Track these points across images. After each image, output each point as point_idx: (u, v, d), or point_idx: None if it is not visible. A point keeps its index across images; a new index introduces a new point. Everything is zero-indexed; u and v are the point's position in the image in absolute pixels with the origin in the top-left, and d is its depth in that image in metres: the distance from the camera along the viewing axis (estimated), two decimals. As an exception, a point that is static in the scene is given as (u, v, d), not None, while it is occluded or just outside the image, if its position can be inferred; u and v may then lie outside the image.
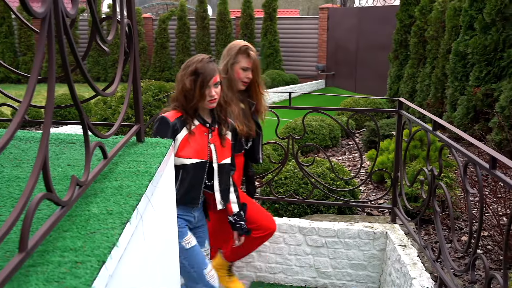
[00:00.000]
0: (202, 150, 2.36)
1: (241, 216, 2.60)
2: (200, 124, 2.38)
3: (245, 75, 2.79)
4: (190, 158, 2.32)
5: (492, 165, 1.90)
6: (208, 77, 2.27)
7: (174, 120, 2.32)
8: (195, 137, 2.35)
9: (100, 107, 4.30)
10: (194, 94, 2.28)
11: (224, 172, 2.46)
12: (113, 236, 1.22)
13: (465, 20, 6.07)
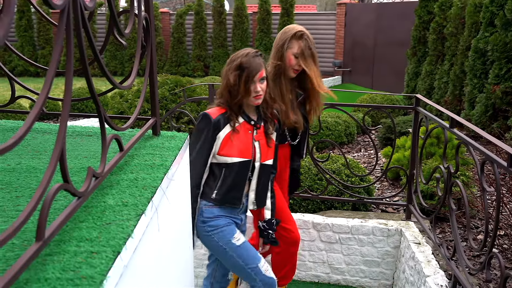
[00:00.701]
0: (246, 149, 2.25)
1: (272, 224, 2.47)
2: (244, 121, 2.27)
3: (297, 62, 2.58)
4: (233, 157, 2.22)
5: (510, 163, 1.87)
6: (253, 72, 2.16)
7: (217, 117, 2.22)
8: (239, 135, 2.24)
9: (117, 100, 4.34)
10: (238, 89, 2.18)
11: (264, 173, 2.34)
12: (128, 227, 1.24)
13: (486, 16, 5.98)
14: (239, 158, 2.21)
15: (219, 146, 2.20)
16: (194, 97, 3.84)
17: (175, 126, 3.65)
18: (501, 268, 1.94)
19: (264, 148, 2.31)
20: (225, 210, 2.29)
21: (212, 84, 3.39)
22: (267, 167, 2.34)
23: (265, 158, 2.31)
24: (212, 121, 2.19)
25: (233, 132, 2.21)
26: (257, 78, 2.17)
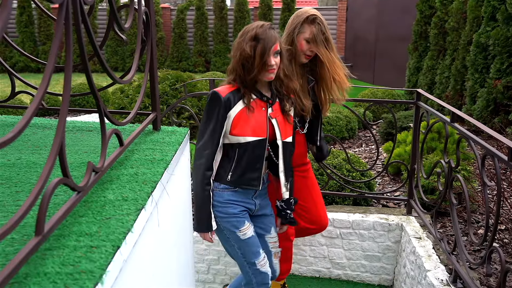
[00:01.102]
0: (260, 126, 2.09)
1: (290, 204, 2.36)
2: (257, 98, 2.11)
3: (309, 47, 2.43)
4: (247, 136, 2.07)
5: (511, 157, 1.86)
6: (269, 43, 2.00)
7: (227, 95, 2.06)
8: (252, 111, 2.08)
9: (118, 96, 4.34)
10: (254, 62, 2.00)
11: (287, 151, 2.23)
12: (128, 222, 1.24)
13: (487, 11, 5.95)
14: (253, 137, 2.07)
15: (230, 126, 2.06)
16: (195, 92, 3.84)
17: (176, 121, 3.64)
18: (501, 262, 1.94)
19: (283, 126, 2.18)
20: (237, 194, 2.16)
21: (213, 79, 3.38)
22: (288, 144, 2.22)
23: (285, 135, 2.19)
24: (222, 99, 2.04)
25: (248, 110, 2.07)
26: (272, 51, 2.02)
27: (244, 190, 2.18)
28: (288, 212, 2.37)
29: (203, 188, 2.08)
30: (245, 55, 2.01)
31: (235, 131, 2.07)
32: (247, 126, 2.06)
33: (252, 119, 2.08)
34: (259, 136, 2.08)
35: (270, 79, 2.07)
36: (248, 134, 2.07)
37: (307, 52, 2.45)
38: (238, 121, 2.06)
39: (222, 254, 3.54)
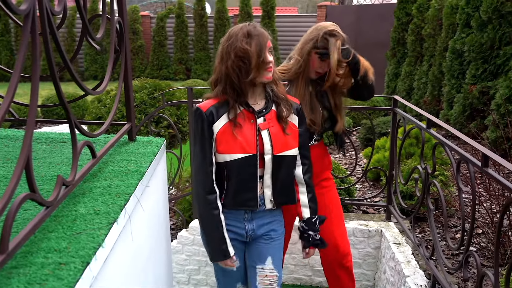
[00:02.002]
0: (248, 142, 1.84)
1: (312, 224, 2.04)
2: (244, 109, 1.86)
3: (321, 66, 2.27)
4: (233, 153, 1.83)
5: (484, 163, 1.89)
6: (264, 38, 1.80)
7: (209, 109, 1.84)
8: (238, 125, 1.84)
9: (95, 106, 4.29)
10: (251, 61, 1.76)
11: (283, 166, 1.92)
12: (99, 236, 1.21)
13: (462, 17, 6.06)
14: (240, 154, 1.83)
15: (215, 143, 1.84)
16: (173, 101, 3.81)
17: (154, 130, 3.61)
18: (477, 266, 1.95)
19: (278, 137, 1.89)
20: (227, 215, 1.91)
21: (191, 88, 3.37)
22: (286, 159, 1.91)
23: (281, 148, 1.89)
24: (204, 114, 1.83)
25: (230, 124, 1.84)
26: (267, 47, 1.81)
27: (235, 211, 1.93)
28: (311, 233, 2.04)
29: (210, 214, 1.86)
30: (241, 54, 1.76)
31: (220, 148, 1.84)
32: (234, 142, 1.83)
33: (239, 133, 1.84)
34: (247, 152, 1.83)
35: (269, 79, 1.83)
36: (235, 151, 1.83)
37: (318, 70, 2.29)
38: (222, 137, 1.83)
39: (203, 264, 3.51)
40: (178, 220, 4.13)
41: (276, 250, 2.02)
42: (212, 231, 1.88)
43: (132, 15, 15.15)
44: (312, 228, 2.04)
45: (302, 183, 2.03)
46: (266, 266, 1.99)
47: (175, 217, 4.29)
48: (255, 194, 1.89)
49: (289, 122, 1.92)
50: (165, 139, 4.40)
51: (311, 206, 2.04)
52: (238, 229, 1.95)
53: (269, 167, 1.89)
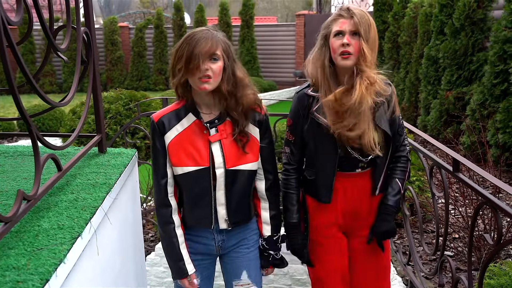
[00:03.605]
0: (201, 154, 1.70)
1: (274, 243, 1.87)
2: (197, 119, 1.72)
3: (340, 42, 1.68)
4: (184, 166, 1.70)
5: (455, 168, 1.90)
6: (204, 44, 1.60)
7: (160, 118, 1.72)
8: (192, 137, 1.71)
9: (70, 117, 4.22)
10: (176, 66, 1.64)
11: (238, 182, 1.76)
12: (60, 252, 1.18)
13: (436, 25, 6.17)
14: (191, 166, 1.70)
15: (168, 154, 1.72)
16: (149, 111, 3.77)
17: (130, 141, 3.57)
18: (452, 271, 1.96)
19: (232, 150, 1.73)
20: (193, 228, 1.81)
21: (166, 98, 3.34)
22: (242, 173, 1.75)
23: (236, 161, 1.73)
24: (155, 124, 1.73)
25: (182, 134, 1.72)
26: (203, 53, 1.60)
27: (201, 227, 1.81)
28: (271, 252, 1.88)
29: (164, 228, 1.75)
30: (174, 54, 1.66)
31: (173, 160, 1.72)
32: (185, 154, 1.71)
33: (191, 145, 1.71)
34: (200, 165, 1.70)
35: (203, 89, 1.63)
36: (187, 164, 1.70)
37: (340, 49, 1.68)
38: (173, 149, 1.71)
39: (181, 276, 3.46)
40: (157, 232, 4.07)
41: (251, 261, 1.89)
42: (167, 246, 1.76)
43: (110, 26, 15.07)
44: (273, 248, 1.88)
45: (264, 198, 1.86)
46: (242, 281, 1.88)
47: (153, 229, 4.23)
48: (209, 210, 1.74)
49: (249, 135, 1.76)
50: (142, 150, 4.37)
51: (272, 224, 1.87)
52: (206, 240, 1.81)
53: (221, 183, 1.73)
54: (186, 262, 1.75)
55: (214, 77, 1.62)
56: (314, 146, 1.83)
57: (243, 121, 1.73)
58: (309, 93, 1.82)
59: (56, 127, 8.17)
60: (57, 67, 15.44)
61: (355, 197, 1.85)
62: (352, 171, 1.83)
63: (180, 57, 1.62)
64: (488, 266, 2.29)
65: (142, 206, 4.10)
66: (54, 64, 15.35)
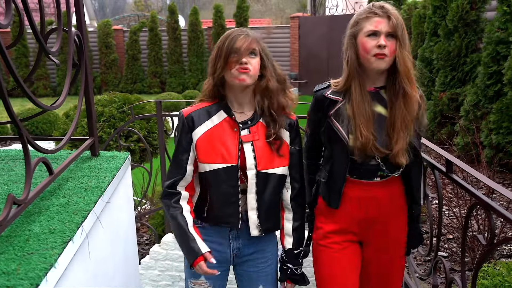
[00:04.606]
0: (229, 151, 1.68)
1: (294, 257, 1.80)
2: (228, 116, 1.71)
3: (376, 42, 1.59)
4: (213, 162, 1.67)
5: (448, 169, 1.90)
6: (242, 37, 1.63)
7: (190, 114, 1.70)
8: (221, 134, 1.69)
9: (63, 121, 4.21)
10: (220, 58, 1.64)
11: (270, 186, 1.71)
12: (51, 256, 1.17)
13: (430, 26, 6.19)
14: (219, 164, 1.67)
15: (196, 150, 1.69)
16: (143, 114, 3.76)
17: (124, 145, 3.55)
18: (445, 272, 1.96)
19: (264, 152, 1.70)
20: (210, 232, 1.75)
21: (160, 101, 3.33)
22: (273, 177, 1.71)
23: (267, 164, 1.70)
24: (184, 119, 1.70)
25: (212, 131, 1.70)
26: (243, 48, 1.61)
27: (219, 228, 1.75)
28: (290, 266, 1.79)
29: (170, 214, 1.70)
30: (215, 52, 1.67)
31: (201, 157, 1.69)
32: (213, 150, 1.68)
33: (220, 142, 1.68)
34: (228, 162, 1.67)
35: (241, 81, 1.61)
36: (215, 161, 1.67)
37: (375, 51, 1.59)
38: (201, 145, 1.68)
39: (177, 279, 3.44)
40: (151, 235, 4.06)
41: (268, 276, 1.82)
42: (176, 229, 1.70)
43: (104, 29, 15.03)
44: (293, 262, 1.79)
45: (288, 208, 1.80)
46: None
47: (148, 232, 4.22)
48: (237, 209, 1.70)
49: (282, 139, 1.73)
50: (136, 153, 4.35)
51: (295, 236, 1.79)
52: (221, 247, 1.75)
53: (253, 185, 1.69)
54: (198, 241, 1.67)
55: (253, 70, 1.62)
56: (328, 150, 1.78)
57: (281, 122, 1.71)
58: (327, 96, 1.74)
59: (50, 130, 8.14)
60: (51, 71, 15.39)
61: (375, 207, 1.76)
62: (370, 179, 1.74)
63: (220, 54, 1.63)
64: (481, 266, 2.29)
65: (137, 209, 4.09)
66: (48, 68, 15.30)
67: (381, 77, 1.68)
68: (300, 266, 1.81)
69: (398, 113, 1.64)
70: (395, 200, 1.79)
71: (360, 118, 1.64)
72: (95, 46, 15.33)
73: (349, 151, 1.68)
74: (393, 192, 1.78)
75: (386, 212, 1.78)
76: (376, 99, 1.68)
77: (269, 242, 1.81)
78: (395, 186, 1.78)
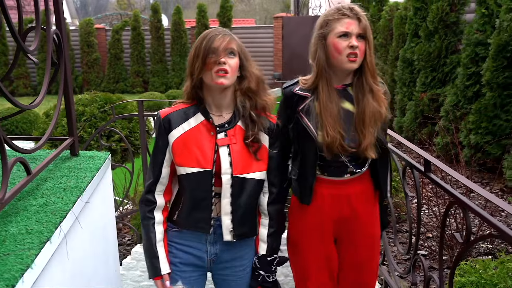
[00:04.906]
0: (205, 155, 1.64)
1: (267, 264, 1.75)
2: (205, 119, 1.67)
3: (348, 43, 1.63)
4: (188, 166, 1.64)
5: (426, 168, 1.93)
6: (219, 37, 1.61)
7: (167, 115, 1.68)
8: (198, 137, 1.66)
9: (43, 120, 4.15)
10: (197, 58, 1.60)
11: (245, 191, 1.68)
12: (28, 257, 1.16)
13: (411, 28, 6.27)
14: (193, 168, 1.64)
15: (172, 153, 1.67)
16: (124, 114, 3.74)
17: (105, 144, 3.52)
18: (424, 270, 1.99)
19: (240, 156, 1.67)
20: (187, 236, 1.71)
21: (142, 100, 3.31)
22: (249, 182, 1.68)
23: (243, 169, 1.66)
24: (161, 120, 1.68)
25: (188, 134, 1.66)
26: (221, 47, 1.59)
27: (196, 231, 1.71)
28: (262, 273, 1.74)
29: (143, 224, 1.69)
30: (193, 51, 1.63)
31: (177, 159, 1.66)
32: (189, 154, 1.65)
33: (196, 145, 1.65)
34: (203, 167, 1.64)
35: (220, 83, 1.59)
36: (189, 164, 1.64)
37: (347, 51, 1.64)
38: (177, 148, 1.65)
39: (158, 280, 3.43)
40: (133, 236, 4.03)
41: (247, 284, 1.79)
42: (145, 241, 1.69)
43: (86, 28, 14.89)
44: (265, 268, 1.74)
45: (265, 214, 1.76)
46: None
47: (130, 232, 4.19)
48: (209, 215, 1.66)
49: (261, 140, 1.70)
50: (117, 153, 4.32)
51: (269, 242, 1.75)
52: (198, 252, 1.71)
53: (227, 189, 1.65)
54: (161, 261, 1.66)
55: (231, 72, 1.60)
56: (297, 146, 1.79)
57: (260, 124, 1.68)
58: (296, 92, 1.76)
59: (30, 130, 8.03)
60: (32, 69, 15.18)
61: (348, 205, 1.80)
62: (340, 176, 1.77)
63: (197, 54, 1.60)
64: (458, 264, 2.33)
65: (119, 210, 4.06)
66: (28, 66, 15.08)
67: (348, 75, 1.73)
68: (273, 273, 1.76)
69: (367, 109, 1.69)
70: (366, 196, 1.83)
71: (327, 118, 1.67)
72: (76, 45, 15.16)
73: (318, 147, 1.71)
74: (364, 188, 1.82)
75: (359, 208, 1.81)
76: (344, 96, 1.73)
77: (248, 249, 1.77)
78: (365, 182, 1.82)
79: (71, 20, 23.30)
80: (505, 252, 2.90)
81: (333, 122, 1.67)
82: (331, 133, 1.66)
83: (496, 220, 1.43)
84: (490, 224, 1.44)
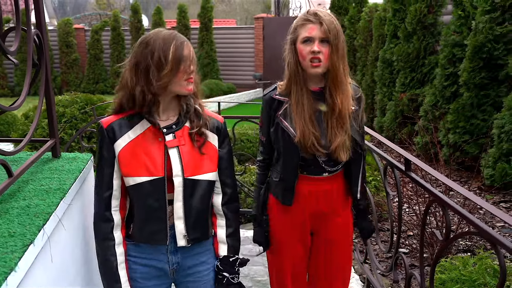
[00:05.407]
0: (155, 163, 1.57)
1: (230, 265, 1.70)
2: (150, 126, 1.60)
3: (310, 48, 1.68)
4: (137, 176, 1.56)
5: (406, 167, 1.97)
6: (189, 46, 1.57)
7: (110, 124, 1.59)
8: (145, 145, 1.58)
9: (22, 122, 4.09)
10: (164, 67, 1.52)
11: (197, 193, 1.63)
12: (11, 260, 1.14)
13: (390, 29, 6.35)
14: (144, 176, 1.56)
15: (119, 163, 1.58)
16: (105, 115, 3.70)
17: (86, 146, 3.49)
18: (405, 268, 2.03)
19: (190, 157, 1.61)
20: (145, 249, 1.64)
21: (123, 101, 3.29)
22: (200, 184, 1.63)
23: (194, 170, 1.61)
24: (103, 130, 1.59)
25: (134, 142, 1.58)
26: (191, 56, 1.56)
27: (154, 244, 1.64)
28: (226, 275, 1.69)
29: (100, 245, 1.60)
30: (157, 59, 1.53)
31: (123, 170, 1.57)
32: (137, 163, 1.56)
33: (145, 153, 1.58)
34: (154, 175, 1.56)
35: (189, 91, 1.58)
36: (139, 174, 1.56)
37: (309, 56, 1.69)
38: (125, 157, 1.57)
39: (141, 282, 3.41)
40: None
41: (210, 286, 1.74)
42: (102, 264, 1.60)
43: (65, 28, 14.70)
44: (229, 270, 1.69)
45: (220, 214, 1.73)
46: None
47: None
48: (164, 225, 1.59)
49: (207, 142, 1.65)
50: (99, 154, 4.27)
51: (229, 243, 1.72)
52: (159, 263, 1.64)
53: (179, 193, 1.59)
54: (123, 285, 1.58)
55: (195, 78, 1.60)
56: (278, 149, 1.84)
57: (204, 119, 1.64)
58: (275, 97, 1.82)
59: (8, 132, 7.89)
60: (9, 70, 14.92)
61: (324, 200, 1.87)
62: (319, 175, 1.84)
63: (164, 62, 1.52)
64: (439, 261, 2.38)
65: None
66: (6, 67, 14.82)
67: (322, 78, 1.77)
68: (236, 274, 1.70)
69: (332, 112, 1.75)
70: (341, 193, 1.91)
71: (300, 120, 1.74)
72: (55, 45, 14.96)
73: (299, 147, 1.77)
74: (340, 186, 1.90)
75: (334, 204, 1.90)
76: (320, 98, 1.78)
77: (210, 253, 1.72)
78: (341, 181, 1.91)
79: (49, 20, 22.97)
80: (483, 249, 2.97)
81: (305, 123, 1.74)
82: (305, 133, 1.73)
83: (474, 218, 1.47)
84: (469, 222, 1.48)
